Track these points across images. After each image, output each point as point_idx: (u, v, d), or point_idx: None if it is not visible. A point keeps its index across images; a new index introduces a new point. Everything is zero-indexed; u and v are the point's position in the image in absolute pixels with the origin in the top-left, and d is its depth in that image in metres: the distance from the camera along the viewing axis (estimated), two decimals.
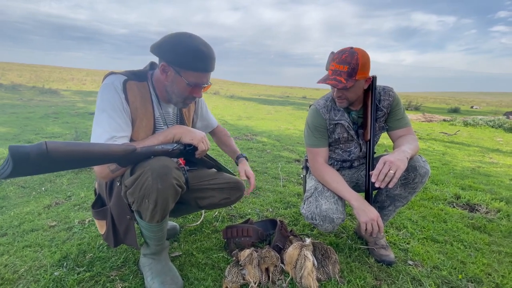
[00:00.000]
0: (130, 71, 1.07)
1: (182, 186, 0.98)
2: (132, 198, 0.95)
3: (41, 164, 0.73)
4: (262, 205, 1.89)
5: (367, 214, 1.16)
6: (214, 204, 1.31)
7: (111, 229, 1.07)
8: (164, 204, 0.95)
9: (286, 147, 3.81)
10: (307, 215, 1.28)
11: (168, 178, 0.92)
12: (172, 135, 1.01)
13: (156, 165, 0.91)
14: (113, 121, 0.95)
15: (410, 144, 1.21)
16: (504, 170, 3.23)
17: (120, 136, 0.95)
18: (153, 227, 1.03)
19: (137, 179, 0.91)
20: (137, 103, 1.02)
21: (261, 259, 1.18)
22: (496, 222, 1.79)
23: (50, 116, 5.42)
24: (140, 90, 1.04)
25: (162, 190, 0.91)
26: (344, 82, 1.13)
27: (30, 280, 1.10)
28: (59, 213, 1.66)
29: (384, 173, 1.06)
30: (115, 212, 1.06)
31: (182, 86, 1.02)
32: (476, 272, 1.27)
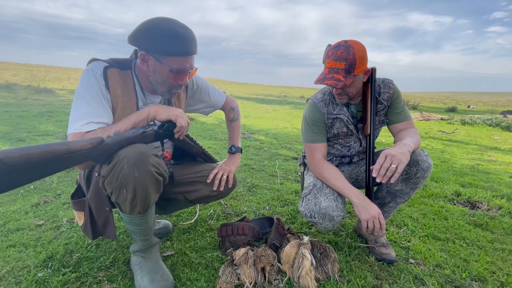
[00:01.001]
0: (114, 58, 1.02)
1: (163, 174, 0.92)
2: (110, 188, 0.90)
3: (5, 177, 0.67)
4: (258, 203, 1.84)
5: (368, 211, 1.11)
6: (204, 197, 1.23)
7: (89, 221, 1.02)
8: (144, 193, 0.89)
9: (283, 145, 3.76)
10: (306, 213, 1.23)
11: (145, 165, 0.86)
12: (145, 114, 0.94)
13: (131, 153, 0.85)
14: (91, 107, 0.91)
15: (412, 137, 1.16)
16: (503, 168, 3.20)
17: (98, 122, 0.91)
18: (135, 219, 0.97)
19: (113, 169, 0.86)
20: (118, 91, 0.97)
21: (257, 258, 1.12)
22: (498, 219, 1.75)
23: (44, 115, 5.32)
24: (123, 78, 0.99)
25: (139, 179, 0.86)
26: (343, 80, 1.08)
27: (12, 281, 1.04)
28: (47, 211, 1.60)
29: (386, 168, 1.01)
30: (93, 204, 1.01)
31: (165, 73, 0.96)
32: (480, 271, 1.22)
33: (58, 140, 3.30)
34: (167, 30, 0.90)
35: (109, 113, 0.95)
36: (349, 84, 1.09)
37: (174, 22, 0.92)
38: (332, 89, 1.20)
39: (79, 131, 0.88)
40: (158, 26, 0.91)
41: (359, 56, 1.08)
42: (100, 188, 0.95)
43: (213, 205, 1.76)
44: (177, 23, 0.93)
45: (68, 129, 0.90)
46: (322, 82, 1.12)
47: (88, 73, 0.93)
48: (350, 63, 1.07)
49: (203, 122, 5.46)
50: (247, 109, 8.93)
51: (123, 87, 0.98)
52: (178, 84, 1.00)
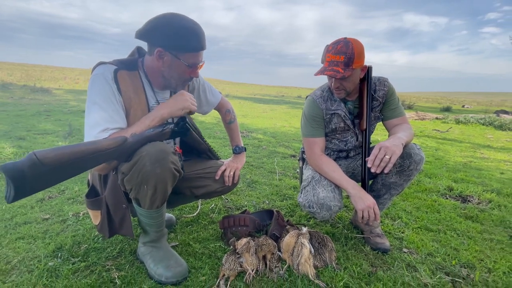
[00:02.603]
0: (120, 60, 1.04)
1: (180, 170, 0.98)
2: (130, 185, 0.94)
3: (40, 177, 0.73)
4: (258, 198, 1.89)
5: (364, 201, 1.18)
6: (210, 192, 1.30)
7: (106, 219, 1.06)
8: (164, 188, 0.95)
9: (281, 143, 3.82)
10: (304, 204, 1.28)
11: (166, 162, 0.91)
12: (159, 117, 0.98)
13: (153, 150, 0.90)
14: (105, 113, 0.93)
15: (405, 131, 1.23)
16: (495, 165, 3.30)
17: (113, 128, 0.93)
18: (152, 213, 1.02)
19: (134, 165, 0.91)
20: (130, 93, 1.00)
21: (258, 247, 1.18)
22: (487, 212, 1.82)
23: (42, 114, 5.32)
24: (132, 80, 1.02)
25: (160, 175, 0.91)
26: (342, 72, 1.14)
27: (24, 270, 1.08)
28: (53, 206, 1.64)
29: (380, 158, 1.07)
30: (110, 202, 1.05)
31: (181, 69, 1.00)
32: (469, 258, 1.29)
33: (58, 138, 3.32)
34: (183, 27, 0.94)
35: (122, 117, 0.98)
36: (348, 76, 1.15)
37: (185, 18, 0.96)
38: (331, 83, 1.25)
39: (96, 138, 0.91)
40: (172, 24, 0.94)
41: (357, 51, 1.14)
42: (117, 187, 1.00)
43: (214, 199, 1.81)
44: (188, 19, 0.97)
45: (85, 136, 0.93)
46: (322, 73, 1.18)
47: (99, 77, 0.95)
48: (348, 57, 1.13)
49: (201, 121, 5.50)
50: (245, 109, 8.98)
51: (134, 88, 1.01)
52: (190, 77, 1.06)
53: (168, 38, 0.95)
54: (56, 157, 0.73)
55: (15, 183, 0.68)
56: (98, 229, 1.10)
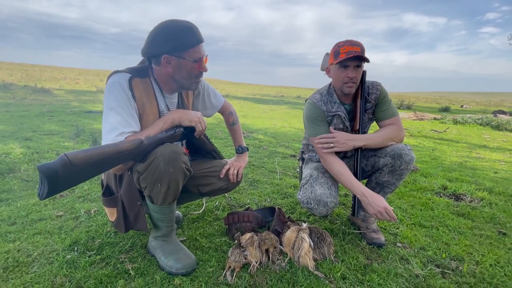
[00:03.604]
0: (132, 68, 1.13)
1: (190, 170, 1.07)
2: (145, 183, 1.03)
3: (70, 176, 0.83)
4: (260, 196, 1.98)
5: (373, 207, 1.22)
6: (215, 190, 1.38)
7: (122, 216, 1.14)
8: (176, 186, 1.04)
9: (281, 143, 3.90)
10: (303, 200, 1.37)
11: (178, 162, 1.00)
12: (170, 121, 1.07)
13: (166, 151, 0.99)
14: (120, 117, 1.01)
15: (383, 132, 1.35)
16: (489, 164, 3.39)
17: (128, 132, 1.01)
18: (164, 209, 1.11)
19: (149, 165, 0.99)
20: (143, 99, 1.09)
21: (261, 241, 1.26)
22: (479, 209, 1.91)
23: (45, 115, 5.40)
24: (144, 86, 1.10)
25: (173, 174, 1.00)
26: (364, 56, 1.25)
27: (44, 262, 1.16)
28: (65, 204, 1.72)
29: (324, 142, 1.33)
30: (125, 199, 1.13)
31: (189, 66, 1.08)
32: (458, 252, 1.38)
33: (64, 138, 3.40)
34: (178, 29, 1.03)
35: (137, 121, 1.06)
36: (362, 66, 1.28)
37: (177, 21, 1.05)
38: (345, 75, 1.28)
39: (113, 141, 0.98)
40: (167, 29, 1.03)
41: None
42: (132, 185, 1.09)
43: (218, 197, 1.90)
44: (179, 20, 1.06)
45: (103, 139, 1.01)
46: (347, 56, 1.22)
47: (115, 85, 1.04)
48: (362, 49, 1.26)
49: None
50: (245, 109, 9.07)
51: (146, 94, 1.10)
52: (200, 72, 1.12)
53: (168, 43, 1.04)
54: (85, 158, 0.82)
55: (49, 182, 0.77)
56: (114, 225, 1.19)
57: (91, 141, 2.87)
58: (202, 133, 1.15)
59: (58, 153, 2.77)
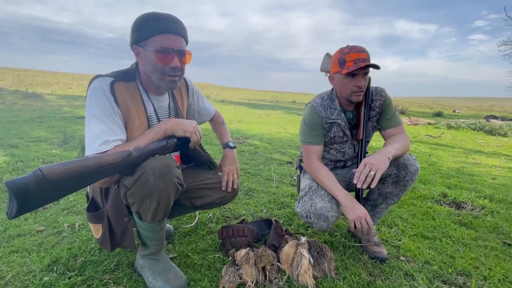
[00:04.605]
0: (118, 71, 1.05)
1: (183, 184, 0.98)
2: (133, 199, 0.94)
3: (44, 193, 0.73)
4: (256, 206, 1.89)
5: (354, 212, 1.18)
6: (210, 203, 1.30)
7: (108, 232, 1.04)
8: (167, 202, 0.95)
9: (277, 149, 3.83)
10: (302, 214, 1.29)
11: (170, 176, 0.91)
12: (163, 131, 0.98)
13: (157, 165, 0.90)
14: (104, 125, 0.93)
15: (398, 143, 1.25)
16: (486, 170, 3.37)
17: (113, 140, 0.93)
18: (154, 227, 1.02)
19: (138, 179, 0.91)
20: (127, 104, 1.00)
21: (257, 258, 1.18)
22: (481, 218, 1.86)
23: (34, 120, 5.24)
24: (130, 91, 1.02)
25: (164, 189, 0.91)
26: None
27: (18, 286, 1.06)
28: (47, 217, 1.61)
29: (365, 174, 1.10)
30: (112, 215, 1.04)
31: (152, 58, 0.96)
32: (465, 266, 1.31)
33: (52, 145, 3.27)
34: (147, 17, 0.95)
35: (122, 129, 0.97)
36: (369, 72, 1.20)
37: (153, 12, 0.97)
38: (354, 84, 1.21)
39: (98, 151, 0.90)
40: (138, 18, 0.96)
41: None
42: (119, 200, 0.99)
43: (212, 209, 1.81)
44: (157, 12, 0.97)
45: (86, 150, 0.92)
46: (357, 66, 1.15)
47: (96, 90, 0.95)
48: (368, 54, 1.19)
49: None
50: (240, 114, 9.01)
51: (131, 99, 1.01)
52: (169, 67, 0.97)
53: (136, 31, 0.96)
54: (62, 174, 0.73)
55: (18, 200, 0.68)
56: (99, 242, 1.09)
57: (80, 148, 2.75)
58: (197, 144, 1.05)
59: (44, 161, 2.64)
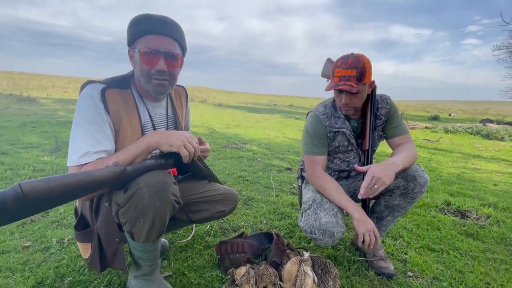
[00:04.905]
0: (112, 78, 0.98)
1: (180, 201, 0.91)
2: (125, 218, 0.87)
3: (23, 209, 0.66)
4: (255, 217, 1.82)
5: (365, 225, 1.14)
6: (207, 217, 1.24)
7: (98, 253, 0.96)
8: (162, 222, 0.87)
9: (276, 155, 3.77)
10: (306, 229, 1.22)
11: (166, 194, 0.84)
12: (145, 146, 0.86)
13: (152, 181, 0.83)
14: (89, 135, 0.86)
15: (406, 153, 1.20)
16: (486, 176, 3.34)
17: (95, 151, 0.86)
18: (147, 247, 0.94)
19: (131, 197, 0.83)
20: (119, 112, 0.93)
21: (258, 277, 1.10)
22: (487, 228, 1.81)
23: (27, 125, 5.12)
24: (123, 98, 0.95)
25: (159, 208, 0.84)
26: (356, 86, 1.11)
27: None
28: (35, 231, 1.52)
29: (370, 188, 1.08)
30: (102, 235, 0.96)
31: (138, 60, 0.91)
32: (475, 282, 1.25)
33: (44, 152, 3.17)
34: (138, 17, 0.90)
35: (109, 139, 0.90)
36: (361, 90, 1.12)
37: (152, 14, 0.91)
38: (340, 99, 1.20)
39: (77, 164, 0.84)
40: (133, 18, 0.91)
41: (367, 65, 1.12)
42: (110, 219, 0.91)
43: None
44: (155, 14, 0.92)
45: (68, 160, 0.86)
46: (335, 88, 1.12)
47: (86, 97, 0.89)
48: (360, 71, 1.11)
49: (193, 132, 5.41)
50: (238, 118, 8.95)
51: (125, 107, 0.95)
52: (156, 70, 0.90)
53: (127, 33, 0.92)
54: (44, 191, 0.65)
55: None
56: (88, 262, 1.01)
57: None
58: (191, 158, 0.92)
59: (35, 169, 2.55)
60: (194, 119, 7.87)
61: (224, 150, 3.89)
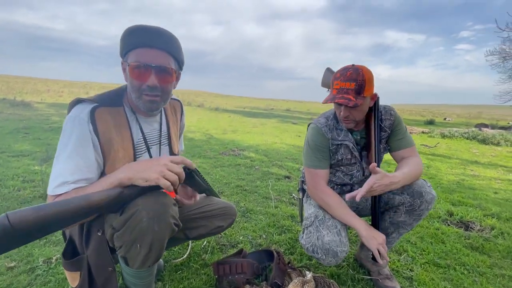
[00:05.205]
0: (103, 94, 0.91)
1: (179, 224, 0.85)
2: (121, 242, 0.80)
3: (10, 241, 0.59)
4: (254, 231, 1.75)
5: (376, 239, 1.07)
6: (205, 234, 1.20)
7: (87, 282, 0.89)
8: (160, 247, 0.81)
9: (274, 162, 3.71)
10: (308, 247, 1.16)
11: (166, 217, 0.78)
12: (118, 182, 0.75)
13: (150, 203, 0.77)
14: (70, 162, 0.79)
15: (409, 168, 1.14)
16: (486, 183, 3.31)
17: (74, 181, 0.78)
18: (141, 273, 0.88)
19: (128, 220, 0.77)
20: (110, 133, 0.86)
21: None
22: (492, 241, 1.76)
23: (20, 131, 5.00)
24: (114, 117, 0.88)
25: (158, 233, 0.78)
26: (354, 100, 1.06)
27: None
28: (21, 250, 1.43)
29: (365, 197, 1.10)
30: (93, 262, 0.88)
31: (129, 74, 0.85)
32: None
33: (35, 161, 3.07)
34: (131, 27, 0.83)
35: (91, 166, 0.82)
36: (360, 104, 1.08)
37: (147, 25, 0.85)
38: (339, 112, 1.16)
39: (53, 193, 0.77)
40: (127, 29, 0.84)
41: (367, 78, 1.07)
42: (103, 248, 0.85)
43: None
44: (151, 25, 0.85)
45: (48, 188, 0.80)
46: (332, 101, 1.08)
47: (72, 120, 0.82)
48: (359, 84, 1.06)
49: (190, 138, 5.34)
50: (234, 123, 8.90)
51: (116, 127, 0.88)
52: (147, 85, 0.84)
53: (120, 44, 0.85)
54: (34, 221, 0.59)
55: None
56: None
57: None
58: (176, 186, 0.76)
59: (25, 179, 2.45)
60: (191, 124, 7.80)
61: (221, 157, 3.83)
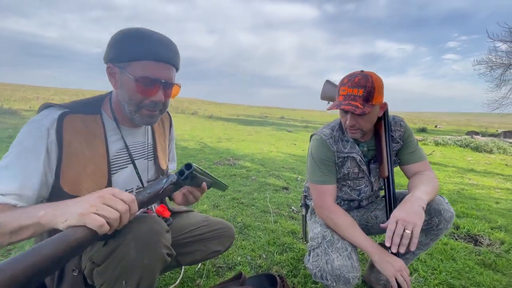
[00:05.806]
0: (79, 101, 0.80)
1: (173, 253, 0.72)
2: (102, 279, 0.67)
3: None
4: (253, 250, 1.62)
5: (393, 265, 0.94)
6: (200, 260, 1.07)
7: None
8: (150, 282, 0.68)
9: (271, 172, 3.60)
10: (315, 273, 1.04)
11: (158, 247, 0.66)
12: (37, 219, 0.55)
13: (141, 232, 0.64)
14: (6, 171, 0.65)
15: (427, 185, 1.03)
16: (486, 192, 3.27)
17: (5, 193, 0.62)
18: None
19: (112, 252, 0.64)
20: (78, 143, 0.74)
21: None
22: (504, 257, 1.67)
23: (3, 141, 4.77)
24: (88, 126, 0.76)
25: (149, 266, 0.65)
26: (361, 107, 0.96)
27: None
28: None
29: (399, 235, 0.86)
30: None
31: (130, 85, 0.73)
32: None
33: None
34: (134, 33, 0.72)
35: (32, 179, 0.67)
36: (368, 112, 0.98)
37: (144, 29, 0.74)
38: (345, 120, 1.06)
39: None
40: (125, 32, 0.73)
41: (377, 85, 0.98)
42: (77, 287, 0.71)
43: None
44: (149, 30, 0.75)
45: None
46: (338, 107, 0.99)
47: (31, 125, 0.70)
48: (368, 91, 0.97)
49: (184, 147, 5.20)
50: (229, 132, 8.79)
51: (87, 135, 0.75)
52: (151, 101, 0.75)
53: (114, 47, 0.72)
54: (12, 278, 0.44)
55: None
56: None
57: None
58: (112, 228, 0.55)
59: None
60: (184, 132, 7.65)
61: (216, 168, 3.69)
